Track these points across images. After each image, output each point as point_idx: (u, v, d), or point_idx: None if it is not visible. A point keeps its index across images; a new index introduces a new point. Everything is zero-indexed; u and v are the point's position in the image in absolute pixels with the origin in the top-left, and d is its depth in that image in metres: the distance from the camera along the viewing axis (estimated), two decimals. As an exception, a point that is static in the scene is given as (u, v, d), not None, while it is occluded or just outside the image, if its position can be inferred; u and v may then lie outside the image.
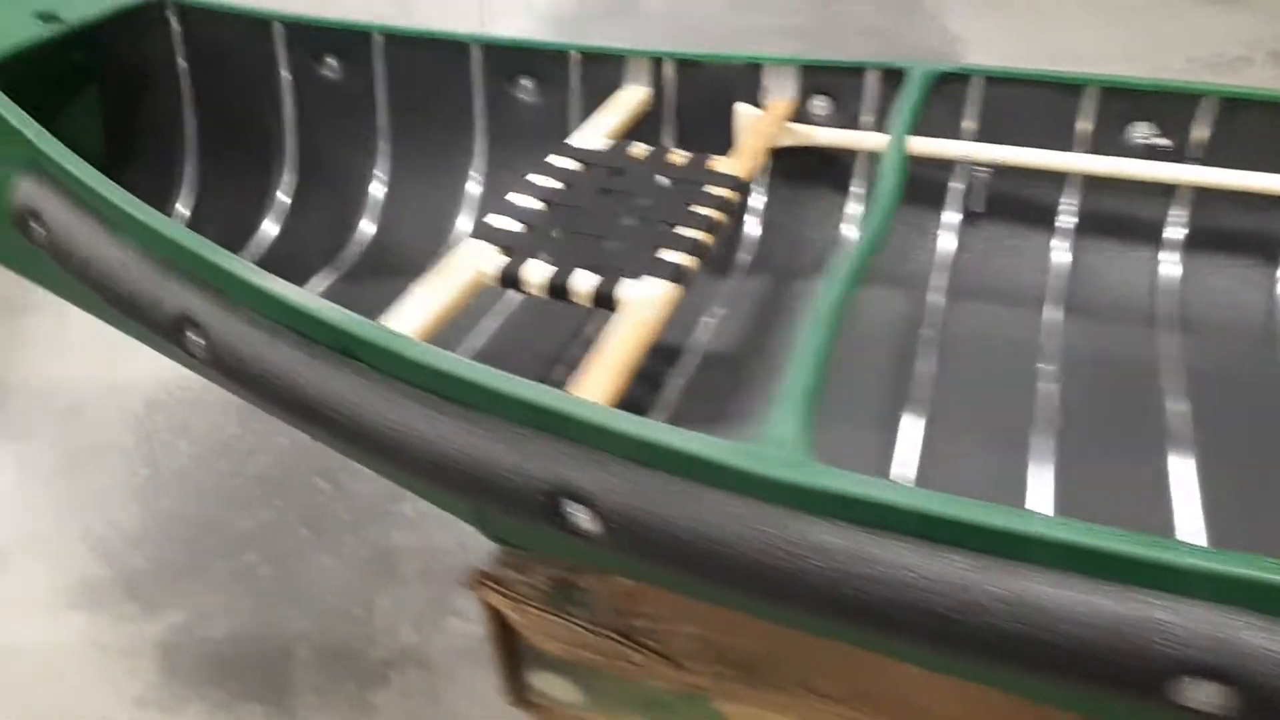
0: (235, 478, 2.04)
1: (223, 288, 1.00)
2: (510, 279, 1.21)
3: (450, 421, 0.86)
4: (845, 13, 4.20)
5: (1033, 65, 3.82)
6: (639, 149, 1.45)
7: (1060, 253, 1.50)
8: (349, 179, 1.66)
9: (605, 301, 1.17)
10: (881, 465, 1.23)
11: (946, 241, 1.53)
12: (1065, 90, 1.44)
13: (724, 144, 1.52)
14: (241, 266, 0.99)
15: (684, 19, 4.19)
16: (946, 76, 1.45)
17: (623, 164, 1.41)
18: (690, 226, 1.27)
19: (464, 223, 1.63)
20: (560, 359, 1.44)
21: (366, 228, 1.65)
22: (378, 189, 1.66)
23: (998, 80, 1.46)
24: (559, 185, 1.36)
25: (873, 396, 1.33)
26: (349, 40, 1.62)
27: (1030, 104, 1.45)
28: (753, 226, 1.57)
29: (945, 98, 1.45)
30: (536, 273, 1.21)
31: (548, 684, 1.27)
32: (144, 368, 2.34)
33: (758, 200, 1.57)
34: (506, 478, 0.84)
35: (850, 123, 1.51)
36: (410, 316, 1.11)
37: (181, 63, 1.59)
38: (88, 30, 1.43)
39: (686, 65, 1.53)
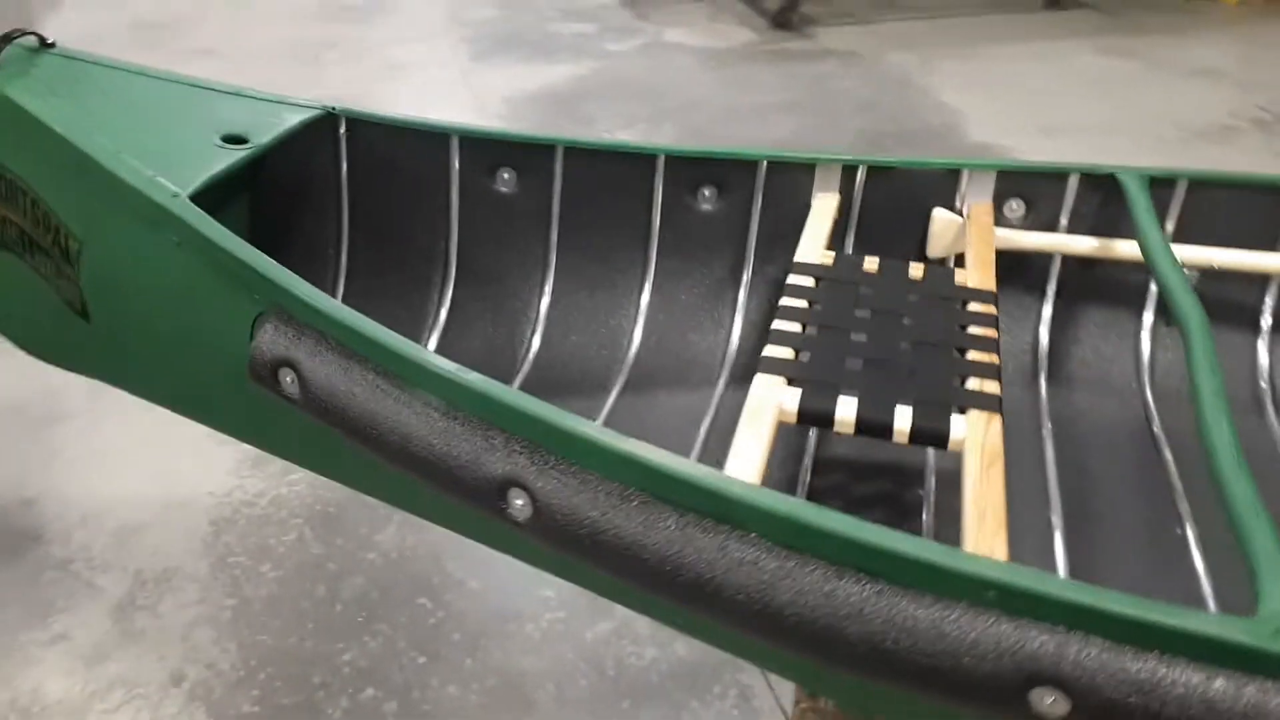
0: (332, 603, 1.89)
1: (561, 449, 0.89)
2: (813, 416, 1.13)
3: (918, 609, 0.76)
4: (837, 89, 4.27)
5: (1030, 136, 3.90)
6: (871, 262, 1.40)
7: (1264, 354, 1.47)
8: (514, 294, 1.57)
9: (931, 439, 1.10)
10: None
11: (1145, 344, 1.50)
12: (1271, 192, 1.43)
13: (911, 249, 1.48)
14: (589, 428, 0.89)
15: (681, 98, 4.20)
16: (1155, 180, 1.43)
17: (860, 279, 1.36)
18: (978, 349, 1.21)
19: (638, 336, 1.55)
20: (798, 484, 1.36)
21: (533, 343, 1.56)
22: (545, 303, 1.57)
23: (1201, 183, 1.44)
24: (811, 305, 1.30)
25: (1141, 514, 1.28)
26: (530, 152, 1.54)
27: (1233, 205, 1.43)
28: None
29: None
30: (843, 409, 1.13)
31: None
32: (197, 479, 2.18)
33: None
34: (984, 671, 0.74)
35: (1047, 227, 1.49)
36: (746, 468, 1.01)
37: (343, 175, 1.49)
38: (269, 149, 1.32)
39: (879, 171, 1.48)
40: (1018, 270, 1.52)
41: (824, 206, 1.47)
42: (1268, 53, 4.53)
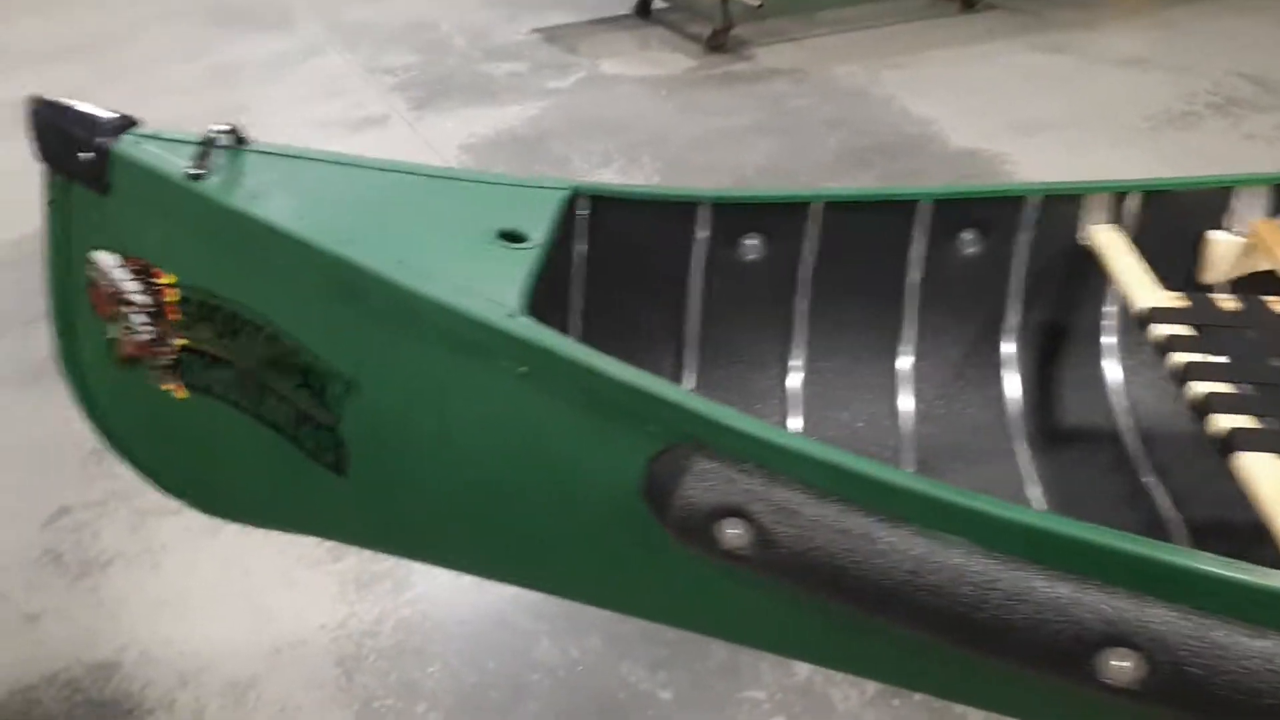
0: (514, 737, 1.68)
1: (1178, 594, 0.74)
2: None
3: None
4: (798, 108, 4.23)
5: (1009, 137, 3.94)
6: (1226, 301, 1.28)
7: None
8: (761, 367, 1.39)
9: None
10: None
11: None
12: None
13: (1183, 276, 1.38)
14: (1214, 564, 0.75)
15: (645, 130, 4.08)
16: None
17: (1232, 320, 1.23)
18: None
19: (904, 403, 1.40)
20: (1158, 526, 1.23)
21: (789, 425, 1.38)
22: (795, 378, 1.40)
23: None
24: (1216, 358, 1.17)
25: None
26: (783, 213, 1.38)
27: None
28: None
29: None
30: None
31: None
32: (299, 612, 1.92)
33: None
34: None
35: None
36: None
37: (582, 256, 1.29)
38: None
39: (1152, 196, 1.38)
40: None
41: (1113, 240, 1.36)
42: (1183, 39, 4.73)
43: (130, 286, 1.04)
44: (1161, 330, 1.20)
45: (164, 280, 1.02)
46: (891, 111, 4.12)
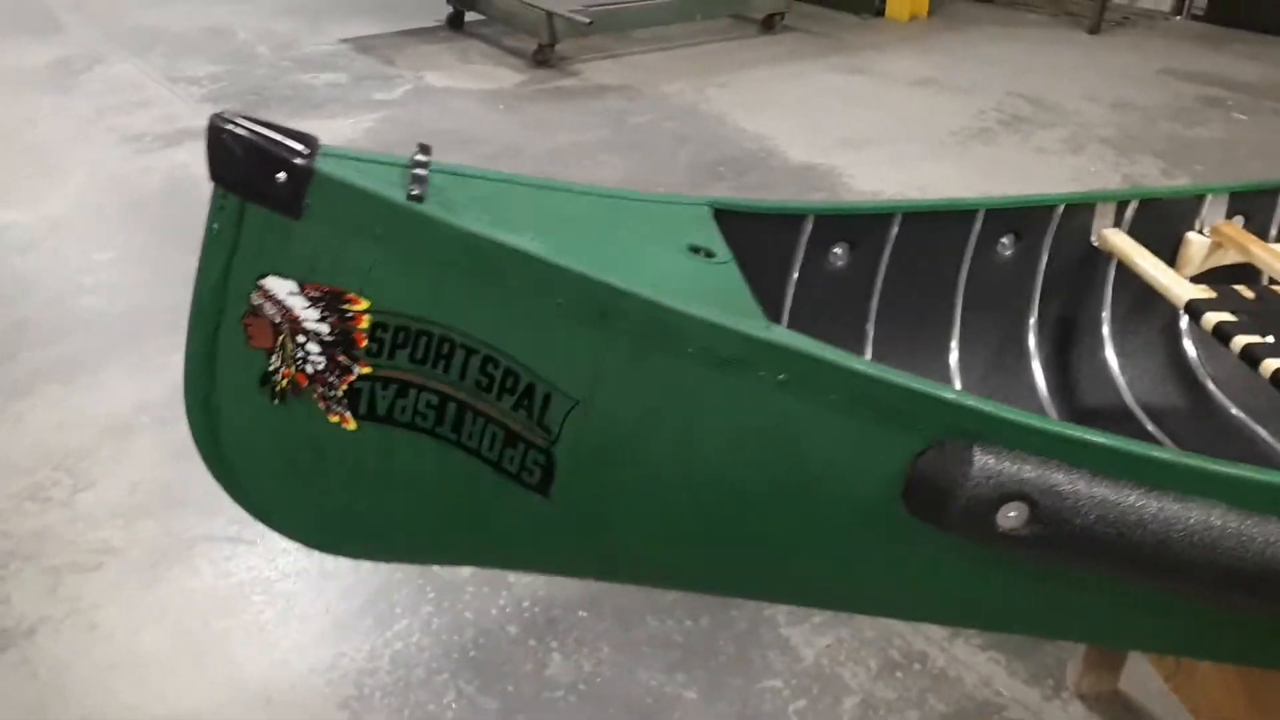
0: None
1: None
2: None
3: None
4: (641, 124, 4.35)
5: (841, 151, 4.23)
6: (1246, 291, 1.48)
7: None
8: None
9: None
10: None
11: None
12: None
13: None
14: None
15: (495, 144, 4.06)
16: None
17: (1255, 307, 1.42)
18: None
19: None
20: None
21: None
22: None
23: None
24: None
25: None
26: (869, 223, 1.45)
27: None
28: None
29: None
30: None
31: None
32: (283, 661, 1.81)
33: None
34: None
35: (1260, 237, 1.67)
36: None
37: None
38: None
39: (1146, 203, 1.57)
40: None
41: (1128, 242, 1.54)
42: (960, 62, 5.26)
43: (309, 314, 0.97)
44: (1214, 316, 1.39)
45: (358, 307, 0.96)
46: (728, 127, 4.32)
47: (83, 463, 2.26)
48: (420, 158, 0.99)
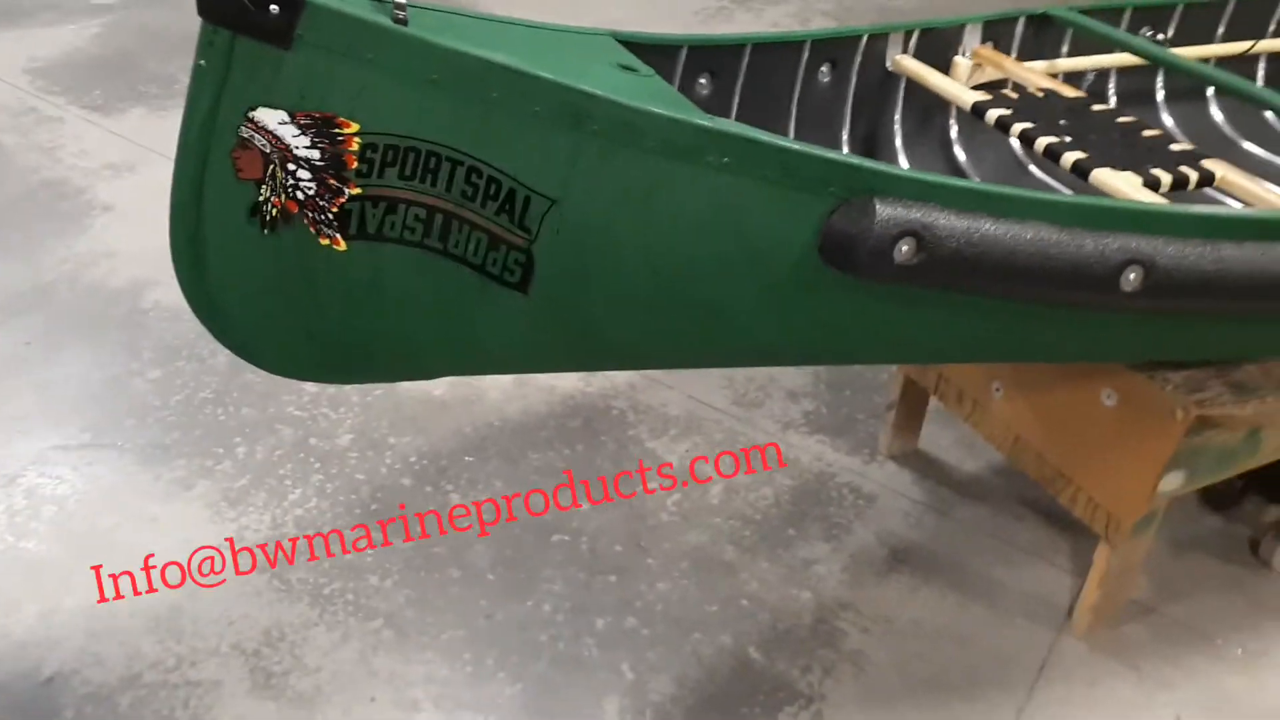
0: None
1: (1166, 229, 1.23)
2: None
3: None
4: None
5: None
6: (1009, 92, 1.81)
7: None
8: None
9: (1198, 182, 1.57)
10: None
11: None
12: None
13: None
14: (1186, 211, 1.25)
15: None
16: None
17: (1029, 100, 1.74)
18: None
19: None
20: None
21: None
22: None
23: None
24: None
25: None
26: (727, 56, 1.63)
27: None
28: None
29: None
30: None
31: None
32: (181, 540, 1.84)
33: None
34: None
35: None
36: None
37: None
38: None
39: (926, 32, 1.87)
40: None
41: (917, 65, 1.87)
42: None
43: (299, 141, 1.04)
44: (994, 112, 1.72)
45: (348, 130, 1.04)
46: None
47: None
48: None
